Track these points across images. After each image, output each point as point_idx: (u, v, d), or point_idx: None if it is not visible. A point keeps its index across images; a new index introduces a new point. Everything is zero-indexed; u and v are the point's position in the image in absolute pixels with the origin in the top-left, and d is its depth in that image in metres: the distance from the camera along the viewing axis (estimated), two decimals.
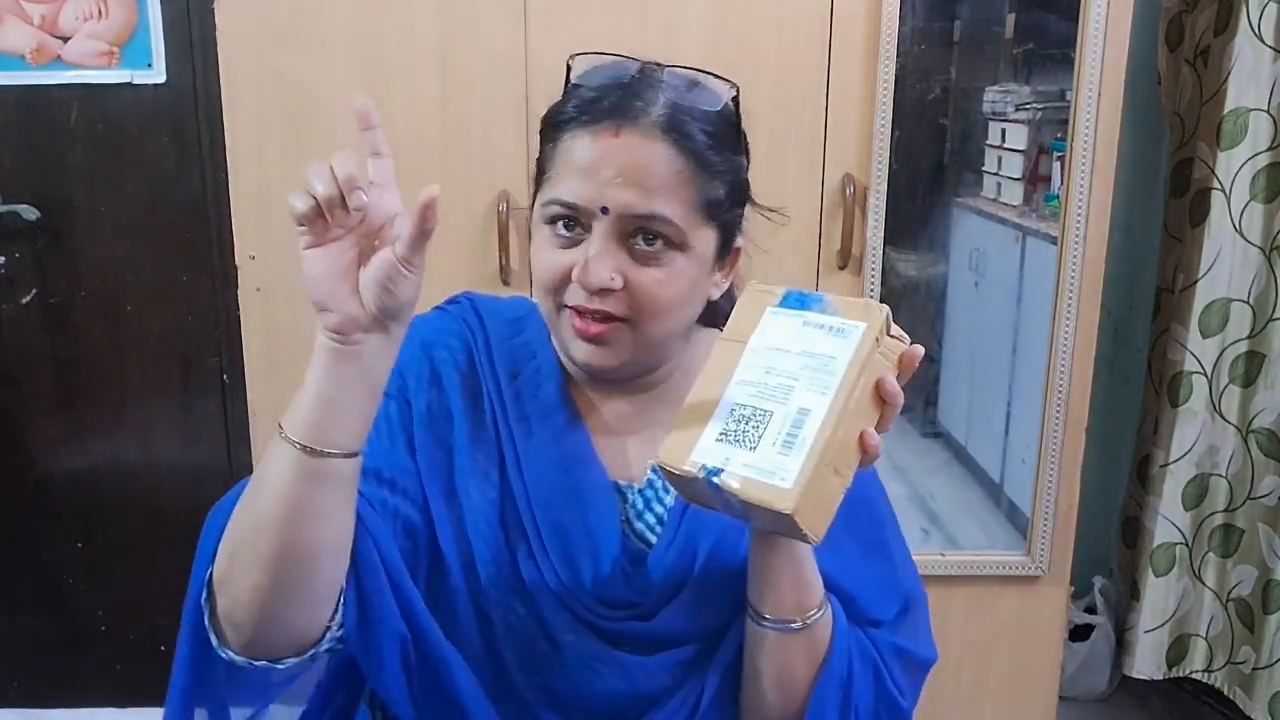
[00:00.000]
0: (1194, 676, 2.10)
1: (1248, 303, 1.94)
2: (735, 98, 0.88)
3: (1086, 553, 2.09)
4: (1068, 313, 1.73)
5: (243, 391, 1.79)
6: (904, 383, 0.75)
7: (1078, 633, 2.23)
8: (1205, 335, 1.96)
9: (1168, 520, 2.03)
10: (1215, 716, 2.16)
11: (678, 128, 0.84)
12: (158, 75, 1.98)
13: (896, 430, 0.76)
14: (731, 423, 0.74)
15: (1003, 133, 2.07)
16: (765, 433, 0.73)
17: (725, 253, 0.91)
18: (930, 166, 2.16)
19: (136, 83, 1.99)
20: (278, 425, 0.74)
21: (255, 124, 1.68)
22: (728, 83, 0.88)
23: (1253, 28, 1.83)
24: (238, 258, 1.73)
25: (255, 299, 1.74)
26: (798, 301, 0.78)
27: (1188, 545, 2.04)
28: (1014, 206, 2.05)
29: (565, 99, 0.88)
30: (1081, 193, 1.68)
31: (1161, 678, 2.10)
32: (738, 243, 0.93)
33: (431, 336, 0.95)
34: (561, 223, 0.86)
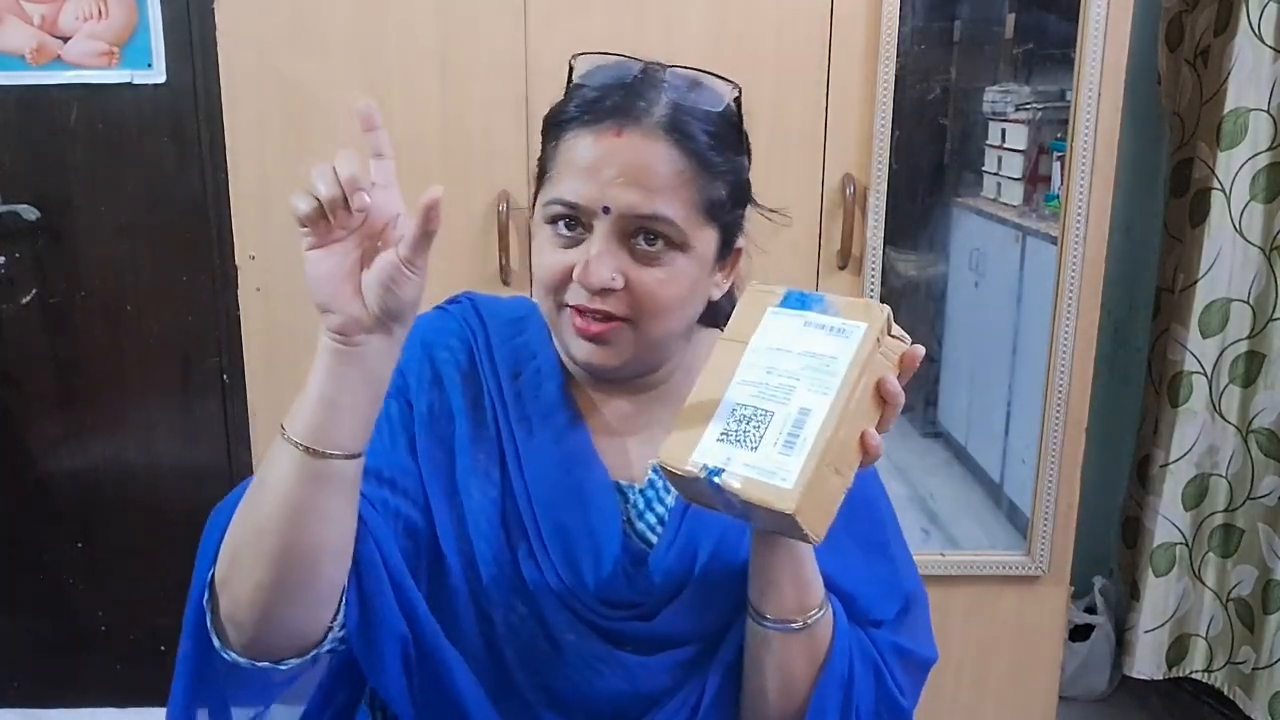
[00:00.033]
0: (1194, 676, 2.10)
1: (1248, 303, 1.94)
2: (737, 98, 0.88)
3: (1086, 553, 2.09)
4: (1068, 313, 1.73)
5: (243, 391, 1.79)
6: (905, 383, 0.75)
7: (1078, 633, 2.23)
8: (1205, 335, 1.96)
9: (1168, 520, 2.03)
10: (1215, 716, 2.16)
11: (680, 128, 0.84)
12: (158, 75, 1.98)
13: (896, 430, 0.76)
14: (733, 423, 0.74)
15: (1003, 133, 2.07)
16: (766, 433, 0.73)
17: (726, 253, 0.91)
18: (930, 166, 2.16)
19: (136, 83, 1.99)
20: (280, 426, 0.74)
21: (255, 124, 1.68)
22: (730, 83, 0.88)
23: (1253, 28, 1.83)
24: (238, 258, 1.73)
25: (255, 299, 1.74)
26: (799, 302, 0.78)
27: (1188, 545, 2.04)
28: (1014, 206, 2.05)
29: (567, 98, 0.88)
30: (1081, 193, 1.68)
31: (1161, 678, 2.10)
32: (739, 243, 0.93)
33: (432, 336, 0.95)
34: (563, 222, 0.85)
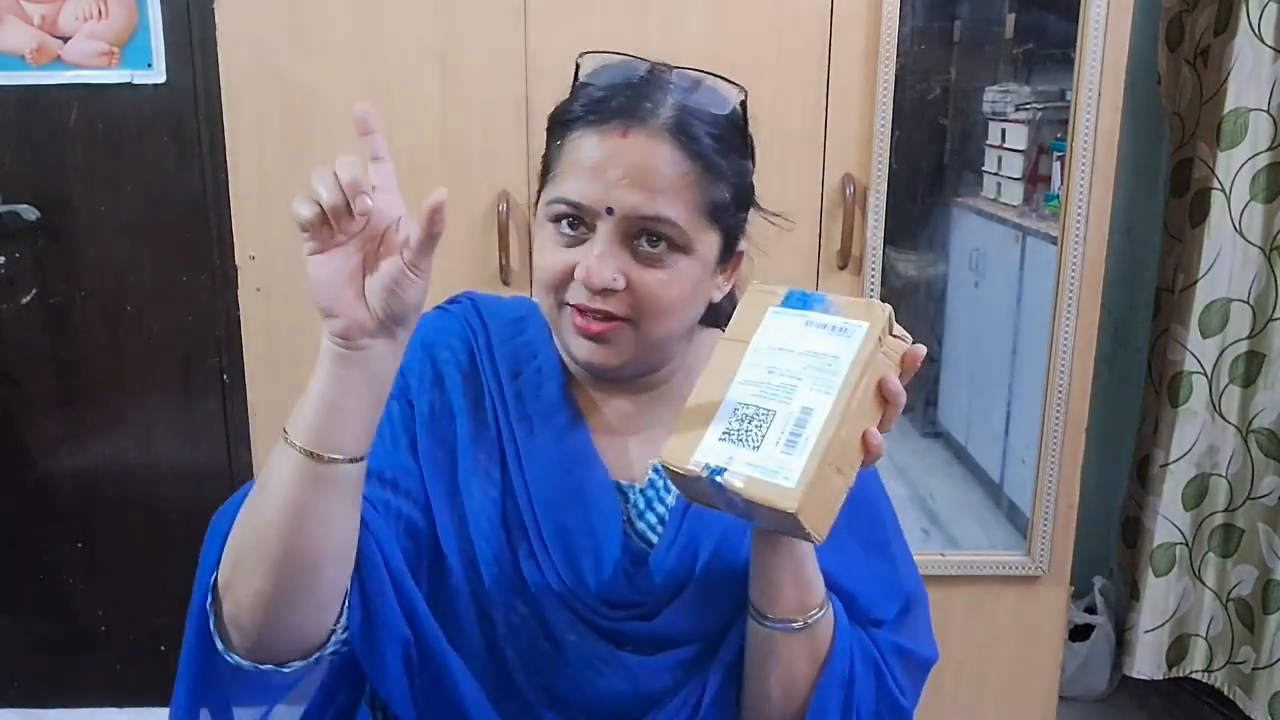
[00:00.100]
0: (1194, 676, 2.10)
1: (1248, 303, 1.94)
2: (743, 102, 0.88)
3: (1086, 553, 2.09)
4: (1068, 313, 1.73)
5: (243, 391, 1.79)
6: (906, 382, 0.75)
7: (1078, 633, 2.23)
8: (1205, 335, 1.96)
9: (1168, 520, 2.03)
10: (1215, 716, 2.16)
11: (685, 130, 0.84)
12: (158, 75, 1.98)
13: (897, 430, 0.76)
14: (734, 422, 0.74)
15: (1003, 133, 2.07)
16: (768, 432, 0.72)
17: (728, 256, 0.91)
18: (930, 166, 2.15)
19: (136, 83, 1.98)
20: (282, 430, 0.74)
21: (255, 124, 1.68)
22: (736, 86, 0.88)
23: (1253, 28, 1.83)
24: (238, 258, 1.73)
25: (255, 299, 1.74)
26: (800, 301, 0.78)
27: (1188, 545, 2.04)
28: (1014, 206, 2.05)
29: (573, 97, 0.87)
30: (1081, 193, 1.68)
31: (1161, 678, 2.10)
32: (740, 246, 0.93)
33: (433, 336, 0.95)
34: (566, 221, 0.85)
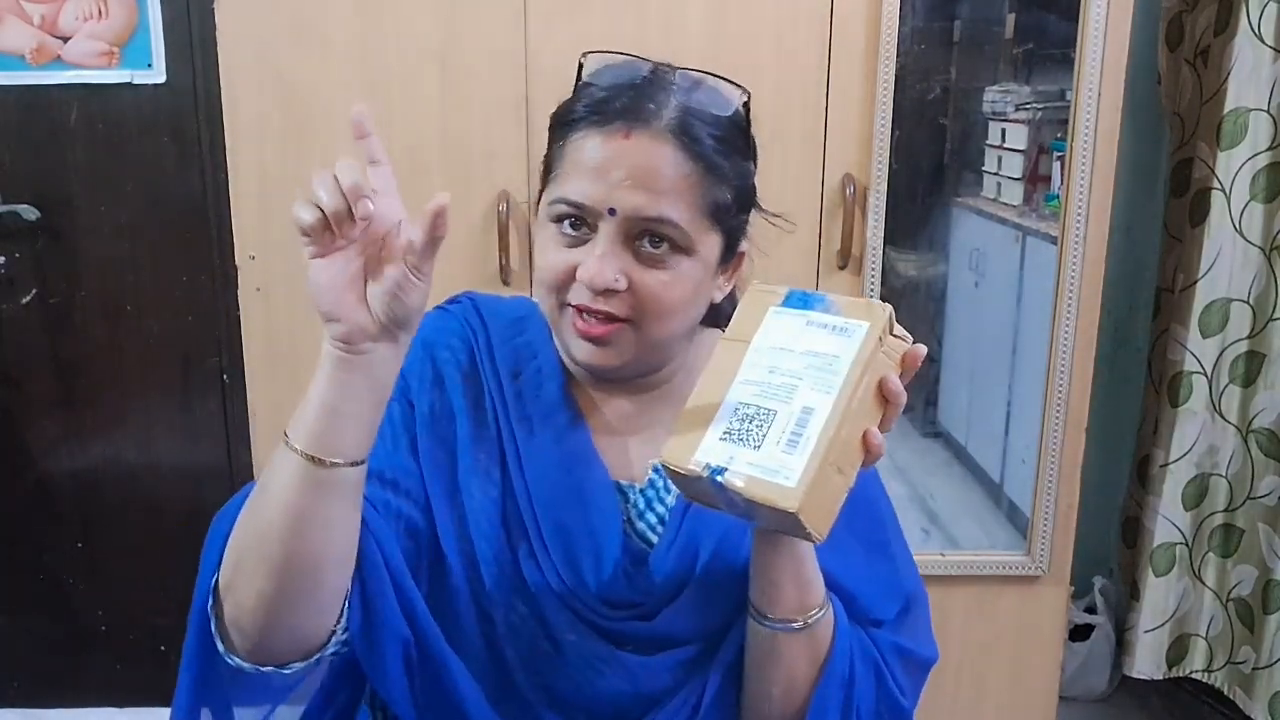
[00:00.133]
0: (1194, 676, 2.10)
1: (1248, 303, 1.94)
2: (746, 103, 0.88)
3: (1086, 553, 2.09)
4: (1068, 313, 1.73)
5: (243, 391, 1.78)
6: (906, 382, 0.75)
7: (1078, 633, 2.23)
8: (1205, 335, 1.96)
9: (1168, 520, 2.03)
10: (1215, 716, 2.16)
11: (688, 131, 0.83)
12: (158, 75, 1.98)
13: (897, 430, 0.76)
14: (735, 422, 0.74)
15: (1003, 133, 2.07)
16: (769, 432, 0.72)
17: (729, 257, 0.91)
18: (930, 166, 2.15)
19: (136, 83, 1.98)
20: (283, 434, 0.74)
21: (255, 124, 1.68)
22: (738, 87, 0.88)
23: (1253, 28, 1.83)
24: (238, 258, 1.73)
25: (255, 299, 1.74)
26: (800, 301, 0.78)
27: (1188, 545, 2.04)
28: (1014, 206, 2.05)
29: (575, 98, 0.87)
30: (1081, 193, 1.68)
31: (1161, 678, 2.10)
32: (742, 247, 0.93)
33: (433, 336, 0.95)
34: (568, 222, 0.85)
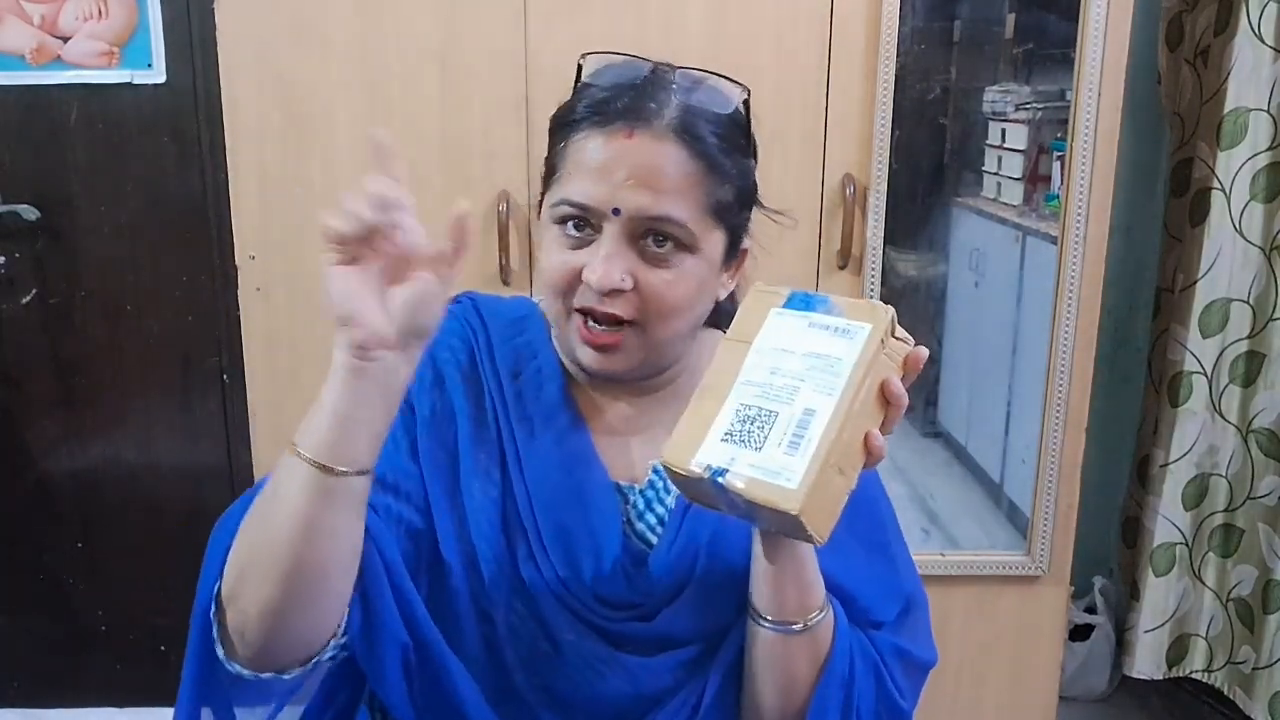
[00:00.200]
0: (1194, 676, 2.10)
1: (1248, 303, 1.94)
2: (746, 101, 0.88)
3: (1086, 553, 2.09)
4: (1068, 313, 1.73)
5: (243, 391, 1.78)
6: (908, 384, 0.75)
7: (1078, 633, 2.23)
8: (1205, 335, 1.96)
9: (1168, 520, 2.03)
10: (1215, 716, 2.16)
11: (690, 130, 0.84)
12: (158, 75, 1.98)
13: (897, 430, 0.76)
14: (737, 423, 0.74)
15: (1003, 133, 2.07)
16: (771, 433, 0.72)
17: (733, 255, 0.91)
18: (930, 166, 2.15)
19: (136, 83, 1.98)
20: (290, 443, 0.74)
21: (255, 124, 1.68)
22: (739, 85, 0.88)
23: (1253, 28, 1.83)
24: (238, 258, 1.73)
25: (255, 299, 1.74)
26: (803, 302, 0.78)
27: (1188, 545, 2.04)
28: (1014, 206, 2.05)
29: (576, 98, 0.87)
30: (1081, 193, 1.68)
31: (1161, 678, 2.10)
32: (744, 244, 0.93)
33: (434, 337, 0.94)
34: (572, 223, 0.85)
